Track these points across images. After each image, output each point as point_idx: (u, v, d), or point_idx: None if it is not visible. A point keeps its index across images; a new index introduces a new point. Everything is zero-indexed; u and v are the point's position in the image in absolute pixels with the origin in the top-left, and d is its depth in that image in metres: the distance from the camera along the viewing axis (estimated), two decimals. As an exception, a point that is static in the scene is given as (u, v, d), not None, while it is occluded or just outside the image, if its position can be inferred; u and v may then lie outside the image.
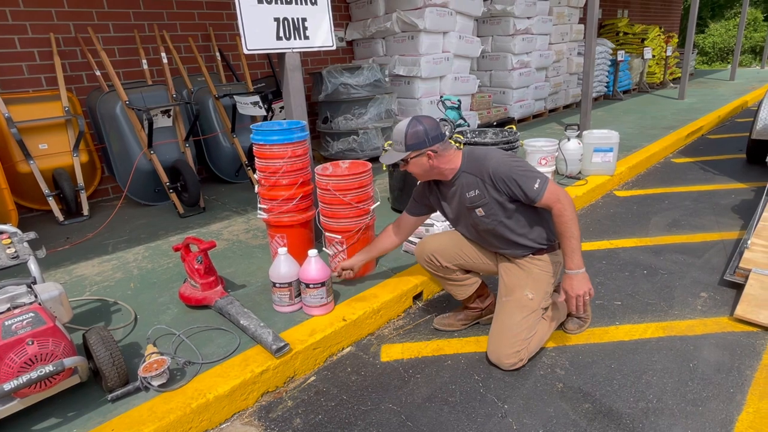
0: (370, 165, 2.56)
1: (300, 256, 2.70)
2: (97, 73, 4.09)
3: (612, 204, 4.02)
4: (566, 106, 8.35)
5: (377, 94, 5.01)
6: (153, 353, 1.93)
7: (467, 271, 2.27)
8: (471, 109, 6.22)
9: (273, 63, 5.39)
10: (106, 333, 1.81)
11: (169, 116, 3.91)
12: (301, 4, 2.75)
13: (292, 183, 2.62)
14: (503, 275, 2.13)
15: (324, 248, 2.75)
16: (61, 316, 1.75)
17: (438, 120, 2.42)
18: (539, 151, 3.88)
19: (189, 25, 4.86)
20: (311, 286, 2.21)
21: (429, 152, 1.92)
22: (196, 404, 1.75)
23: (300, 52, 2.82)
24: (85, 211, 3.93)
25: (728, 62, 17.56)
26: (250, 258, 3.00)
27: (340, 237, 2.55)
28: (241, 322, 2.14)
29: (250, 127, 2.62)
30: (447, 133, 3.71)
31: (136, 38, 4.34)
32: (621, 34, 10.71)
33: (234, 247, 3.19)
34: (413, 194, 2.26)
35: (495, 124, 6.72)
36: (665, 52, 10.72)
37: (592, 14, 5.36)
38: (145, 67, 4.25)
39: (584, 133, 4.41)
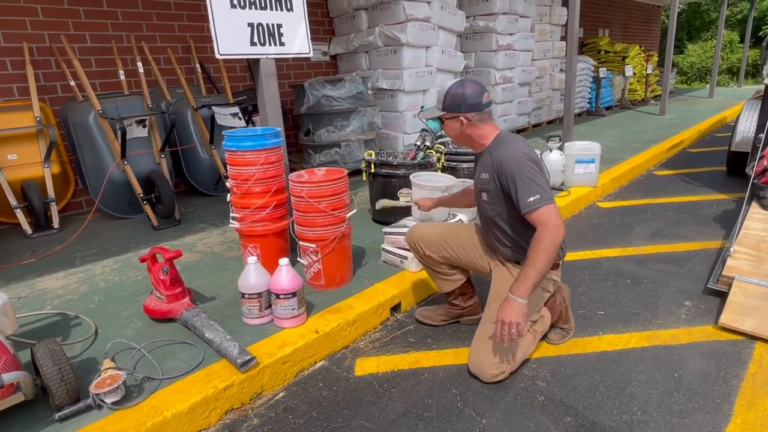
0: (345, 172, 2.49)
1: (274, 268, 2.61)
2: (72, 83, 4.00)
3: (595, 215, 3.99)
4: (550, 122, 8.42)
5: (360, 106, 4.97)
6: (109, 368, 1.81)
7: (454, 267, 2.21)
8: (455, 123, 6.21)
9: (255, 75, 5.34)
10: (55, 347, 1.68)
11: (144, 126, 3.82)
12: (277, 9, 2.71)
13: (266, 191, 2.53)
14: (495, 280, 2.05)
15: (299, 258, 2.66)
16: (4, 328, 1.64)
17: (480, 88, 2.02)
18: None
19: (169, 37, 4.81)
20: (281, 296, 2.11)
21: (462, 118, 1.89)
22: (151, 422, 1.63)
23: (275, 60, 2.77)
24: (56, 224, 3.79)
25: (706, 82, 18.00)
26: (222, 270, 2.89)
27: (314, 246, 2.46)
28: (206, 335, 2.02)
29: (223, 133, 2.55)
30: (428, 143, 3.66)
31: (114, 49, 4.26)
32: (602, 53, 10.92)
33: (207, 259, 3.08)
34: None
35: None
36: (645, 70, 10.93)
37: (572, 30, 5.43)
38: (122, 77, 4.17)
39: (566, 144, 4.40)
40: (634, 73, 10.67)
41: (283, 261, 2.13)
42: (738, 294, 2.33)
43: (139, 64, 3.93)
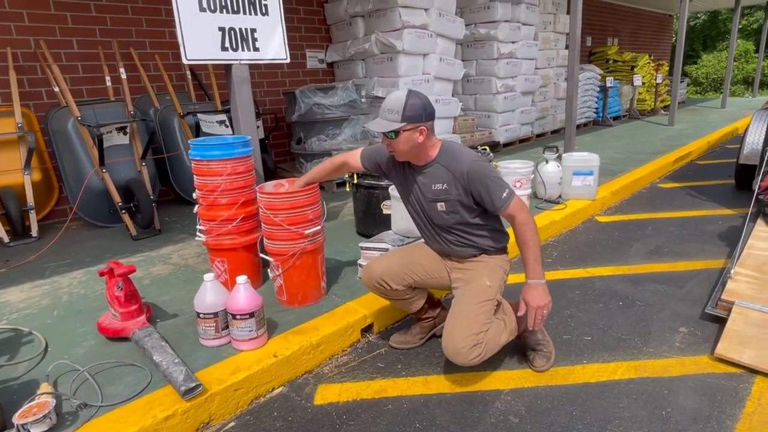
0: (315, 185, 2.35)
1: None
2: (56, 89, 3.93)
3: (592, 229, 3.80)
4: (554, 131, 8.23)
5: (352, 114, 4.86)
6: (43, 393, 1.68)
7: (415, 288, 2.12)
8: (453, 132, 6.07)
9: (248, 83, 5.26)
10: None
11: (125, 133, 3.73)
12: (251, 14, 2.61)
13: (233, 202, 2.40)
14: (458, 277, 2.02)
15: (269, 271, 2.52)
16: None
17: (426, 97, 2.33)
18: (513, 173, 3.69)
19: (159, 43, 4.74)
20: (238, 317, 1.97)
21: (423, 128, 1.80)
22: (77, 457, 1.49)
23: (248, 65, 2.66)
24: (34, 232, 3.70)
25: (720, 92, 17.67)
26: (192, 284, 2.76)
27: (273, 260, 2.32)
28: (155, 357, 1.89)
29: (189, 142, 2.43)
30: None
31: (101, 55, 4.20)
32: (611, 62, 10.73)
33: (179, 272, 2.95)
34: (375, 147, 2.13)
35: (478, 147, 6.60)
36: (655, 79, 10.70)
37: (574, 38, 5.27)
38: (109, 84, 4.10)
39: (564, 155, 4.23)
40: (643, 83, 10.45)
41: (241, 279, 1.99)
42: (737, 321, 2.14)
43: (122, 70, 3.86)
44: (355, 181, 3.26)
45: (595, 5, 11.01)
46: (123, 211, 3.60)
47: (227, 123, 4.26)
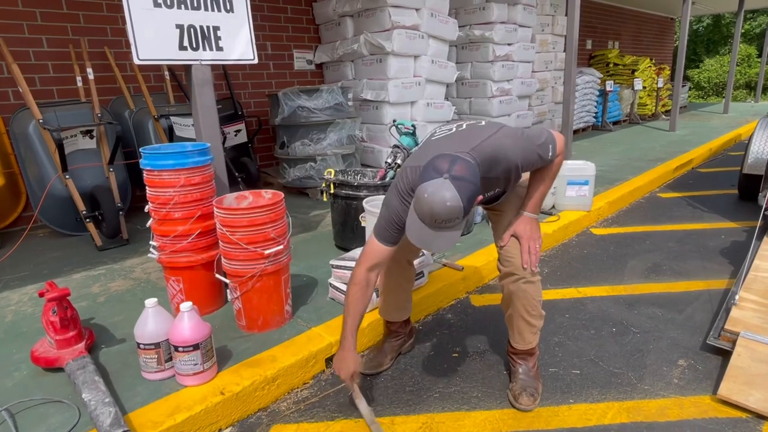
0: (278, 199, 2.13)
1: (201, 306, 2.26)
2: (21, 89, 3.72)
3: (586, 243, 3.57)
4: (552, 136, 8.00)
5: (338, 118, 4.64)
6: (-54, 441, 1.46)
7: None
8: (446, 137, 5.84)
9: (231, 84, 5.06)
10: None
11: (92, 137, 3.52)
12: (213, 10, 2.39)
13: (188, 216, 2.19)
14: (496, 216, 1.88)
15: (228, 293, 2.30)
16: None
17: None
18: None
19: (136, 42, 4.53)
20: (181, 349, 1.75)
21: (479, 197, 1.53)
22: None
23: (210, 66, 2.44)
24: (-6, 241, 3.49)
25: (723, 96, 17.45)
26: (149, 303, 2.54)
27: (230, 282, 2.11)
28: (83, 395, 1.67)
29: (140, 150, 2.22)
30: (399, 161, 3.30)
31: (72, 54, 3.99)
32: (611, 65, 10.50)
33: (138, 289, 2.74)
34: (391, 215, 1.64)
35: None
36: (656, 83, 10.49)
37: (571, 39, 5.06)
38: (80, 84, 3.89)
39: (558, 164, 4.00)
40: (644, 87, 10.23)
41: (185, 306, 1.77)
42: (743, 356, 1.92)
43: (89, 70, 3.64)
44: (332, 191, 3.04)
45: (596, 8, 10.80)
46: (87, 220, 3.38)
47: (204, 126, 4.05)
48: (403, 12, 5.03)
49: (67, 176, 3.33)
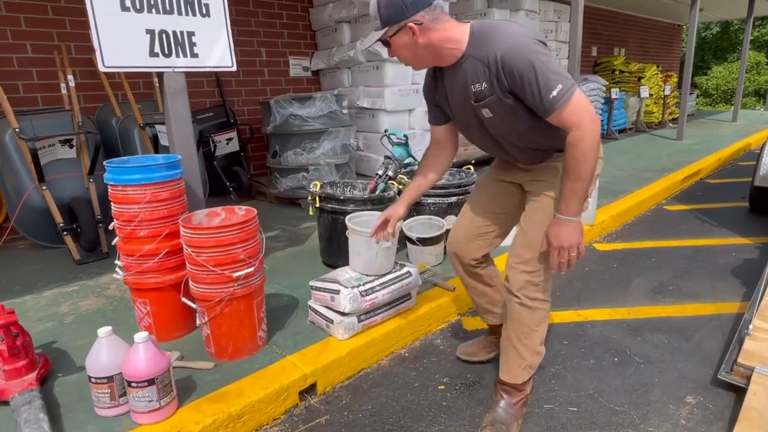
0: (250, 216, 1.97)
1: (169, 330, 2.11)
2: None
3: (589, 260, 3.39)
4: (556, 145, 7.82)
5: (332, 126, 4.49)
6: None
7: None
8: (445, 146, 5.67)
9: (223, 91, 4.93)
10: None
11: (71, 147, 3.39)
12: (188, 14, 2.25)
13: (155, 234, 2.04)
14: (529, 190, 1.73)
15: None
16: None
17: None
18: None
19: (125, 48, 4.41)
20: (134, 384, 1.59)
21: (411, 24, 1.41)
22: None
23: (185, 73, 2.30)
24: (-30, 254, 3.36)
25: (731, 104, 17.19)
26: (119, 324, 2.38)
27: (197, 307, 1.95)
28: (23, 436, 1.51)
29: (104, 163, 2.07)
30: (390, 173, 3.14)
31: (56, 60, 3.87)
32: (617, 72, 10.32)
33: (109, 308, 2.59)
34: (425, 94, 1.76)
35: (473, 162, 6.20)
36: (663, 91, 10.29)
37: (575, 46, 4.89)
38: (64, 91, 3.77)
39: (559, 175, 3.83)
40: (651, 95, 10.04)
41: (140, 336, 1.61)
42: (759, 396, 1.73)
43: (70, 77, 3.52)
44: (318, 204, 2.88)
45: (602, 14, 10.64)
46: (65, 233, 3.24)
47: (191, 135, 3.91)
48: (401, 18, 4.89)
49: (44, 187, 3.20)
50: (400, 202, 1.89)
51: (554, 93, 1.34)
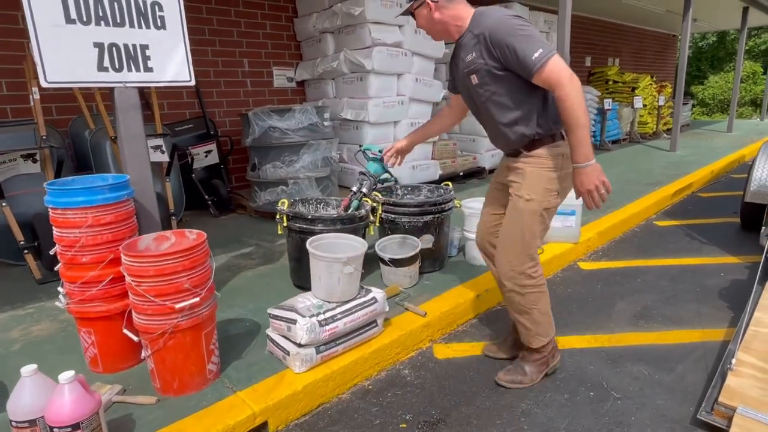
0: (198, 242, 1.85)
1: (114, 362, 1.99)
2: (-33, 108, 3.50)
3: (572, 280, 3.26)
4: (548, 156, 7.71)
5: (312, 139, 4.38)
6: None
7: None
8: (432, 158, 5.58)
9: (203, 102, 4.83)
10: None
11: (35, 161, 3.27)
12: (141, 27, 2.14)
13: (97, 260, 1.91)
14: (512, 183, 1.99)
15: (147, 349, 2.01)
16: None
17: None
18: (479, 215, 3.17)
19: (101, 59, 4.31)
20: (56, 429, 1.46)
21: (428, 1, 1.82)
22: None
23: (137, 89, 2.18)
24: (-71, 272, 3.23)
25: (728, 113, 17.20)
26: (69, 353, 2.25)
27: (140, 339, 1.82)
28: (-72, 491, 1.37)
29: (44, 185, 1.95)
30: (365, 190, 3.02)
31: (26, 71, 3.76)
32: (611, 83, 10.26)
33: (61, 335, 2.45)
34: (449, 65, 2.15)
35: (461, 174, 6.10)
36: (657, 101, 10.22)
37: (563, 56, 4.78)
38: (32, 103, 3.65)
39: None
40: (644, 105, 9.96)
41: (65, 376, 1.48)
42: (739, 441, 1.60)
43: (34, 89, 3.40)
44: (285, 224, 2.76)
45: (595, 24, 10.60)
46: (26, 251, 3.11)
47: (164, 149, 3.80)
48: (385, 29, 4.81)
49: (3, 203, 3.07)
50: (405, 137, 2.33)
51: (536, 55, 1.64)
